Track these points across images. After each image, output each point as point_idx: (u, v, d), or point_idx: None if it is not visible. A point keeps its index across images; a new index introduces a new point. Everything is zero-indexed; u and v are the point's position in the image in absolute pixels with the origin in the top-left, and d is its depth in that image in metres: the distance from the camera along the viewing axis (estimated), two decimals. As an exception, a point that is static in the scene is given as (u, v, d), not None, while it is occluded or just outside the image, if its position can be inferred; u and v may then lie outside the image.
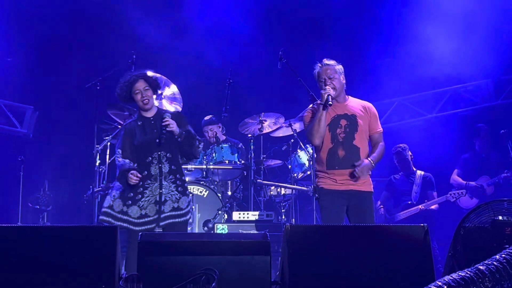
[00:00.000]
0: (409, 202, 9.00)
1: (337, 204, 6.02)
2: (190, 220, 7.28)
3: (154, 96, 6.25)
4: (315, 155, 6.36)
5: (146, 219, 5.84)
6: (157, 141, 5.94)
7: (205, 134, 9.48)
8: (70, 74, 10.39)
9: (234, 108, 9.57)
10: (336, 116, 6.11)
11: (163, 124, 5.94)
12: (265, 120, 8.95)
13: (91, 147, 8.46)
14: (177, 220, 5.91)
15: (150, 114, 6.16)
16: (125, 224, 5.82)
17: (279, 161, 9.48)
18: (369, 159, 6.04)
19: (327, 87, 6.02)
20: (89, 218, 8.37)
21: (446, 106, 11.34)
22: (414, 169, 9.24)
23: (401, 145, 9.16)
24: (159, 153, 5.95)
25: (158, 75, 8.01)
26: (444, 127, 10.95)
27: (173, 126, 5.96)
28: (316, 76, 6.22)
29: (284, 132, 9.29)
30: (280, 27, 10.91)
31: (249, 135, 8.74)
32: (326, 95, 5.95)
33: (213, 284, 3.93)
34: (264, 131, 9.01)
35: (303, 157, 8.96)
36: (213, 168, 8.71)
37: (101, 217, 5.91)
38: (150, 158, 5.94)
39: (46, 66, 10.44)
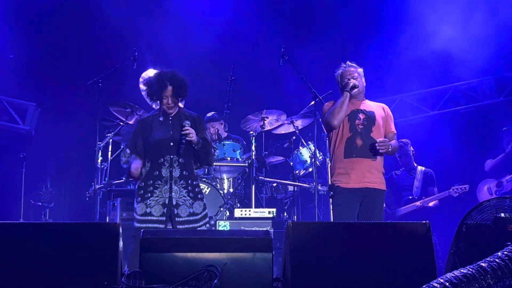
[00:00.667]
0: (410, 197, 8.93)
1: (351, 203, 6.12)
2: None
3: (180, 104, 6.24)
4: (332, 150, 6.39)
5: (148, 218, 5.83)
6: (177, 150, 5.90)
7: (207, 131, 9.47)
8: (72, 71, 10.38)
9: (236, 105, 9.57)
10: (355, 110, 6.30)
11: (183, 133, 5.88)
12: (267, 117, 8.95)
13: (93, 144, 8.46)
14: (194, 225, 5.91)
15: (171, 112, 6.12)
16: (133, 222, 5.94)
17: (281, 158, 9.48)
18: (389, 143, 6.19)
19: (353, 79, 6.29)
20: (91, 214, 8.37)
21: (448, 103, 11.33)
22: (415, 164, 9.20)
23: (403, 140, 9.10)
24: (171, 157, 5.92)
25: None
26: (446, 124, 10.94)
27: (193, 135, 5.92)
28: (339, 77, 6.43)
29: (286, 129, 9.29)
30: (282, 23, 10.90)
31: (251, 132, 8.74)
32: (351, 83, 6.23)
33: (215, 281, 3.93)
34: (266, 128, 9.00)
35: (305, 154, 8.96)
36: (214, 165, 8.70)
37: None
38: (162, 160, 5.91)
39: (48, 63, 10.45)
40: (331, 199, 6.40)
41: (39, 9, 10.22)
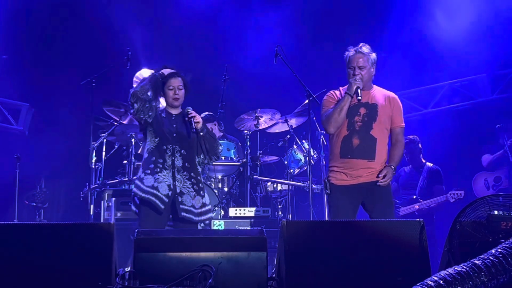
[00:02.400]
0: (414, 197, 8.79)
1: (348, 202, 5.79)
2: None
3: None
4: (329, 145, 6.07)
5: (155, 192, 5.74)
6: (193, 131, 5.89)
7: None
8: (65, 71, 10.35)
9: (230, 104, 9.57)
10: (357, 103, 5.80)
11: (190, 116, 5.91)
12: (261, 116, 8.94)
13: (87, 144, 8.45)
14: (192, 217, 5.84)
15: (174, 112, 6.10)
16: (135, 189, 5.84)
17: (275, 157, 9.48)
18: (391, 165, 5.81)
19: (357, 77, 5.76)
20: (86, 215, 8.36)
21: (442, 101, 11.34)
22: (424, 161, 9.01)
23: (410, 136, 8.88)
24: (174, 146, 5.88)
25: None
26: (439, 122, 10.96)
27: (199, 119, 5.95)
28: (347, 61, 5.89)
29: (280, 128, 9.29)
30: (276, 22, 10.89)
31: (245, 131, 8.74)
32: (355, 87, 5.72)
33: (210, 280, 3.94)
34: (260, 127, 9.00)
35: (299, 153, 8.97)
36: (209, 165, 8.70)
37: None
38: (165, 147, 5.87)
39: (42, 63, 10.42)
40: (326, 197, 6.17)
41: (32, 9, 10.21)
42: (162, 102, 6.25)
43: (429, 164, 8.99)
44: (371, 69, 5.85)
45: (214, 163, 8.55)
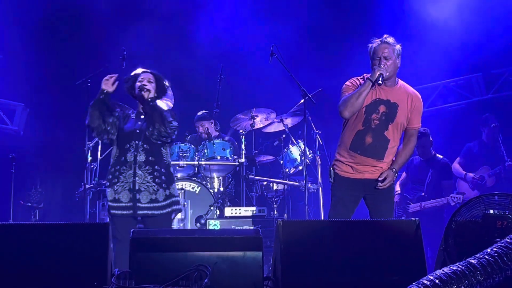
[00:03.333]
0: (423, 194, 8.73)
1: (350, 194, 5.76)
2: (181, 216, 7.26)
3: (154, 95, 6.06)
4: (342, 133, 5.92)
5: (118, 204, 5.82)
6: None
7: (197, 129, 9.49)
8: (60, 71, 10.35)
9: (225, 104, 9.57)
10: (378, 99, 5.66)
11: (139, 85, 5.97)
12: (257, 116, 8.95)
13: (82, 144, 8.45)
14: (154, 212, 5.85)
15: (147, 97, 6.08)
16: (107, 208, 5.93)
17: (271, 157, 9.49)
18: (393, 168, 5.73)
19: (382, 65, 5.55)
20: (81, 215, 8.36)
21: (437, 101, 11.36)
22: (433, 153, 8.90)
23: (422, 129, 8.36)
24: (137, 142, 5.88)
25: (148, 71, 7.99)
26: (434, 121, 10.96)
27: (150, 87, 6.00)
28: (371, 52, 5.69)
29: (276, 127, 9.30)
30: (271, 22, 10.90)
31: (241, 131, 8.74)
32: (378, 73, 5.50)
33: (206, 280, 3.93)
34: (256, 127, 9.01)
35: (295, 152, 8.97)
36: (205, 164, 8.70)
37: None
38: (128, 145, 5.88)
39: (37, 63, 10.40)
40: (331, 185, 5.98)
41: (27, 9, 10.19)
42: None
43: (439, 156, 8.92)
44: (396, 60, 5.68)
45: (209, 162, 8.62)
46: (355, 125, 5.72)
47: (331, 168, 5.92)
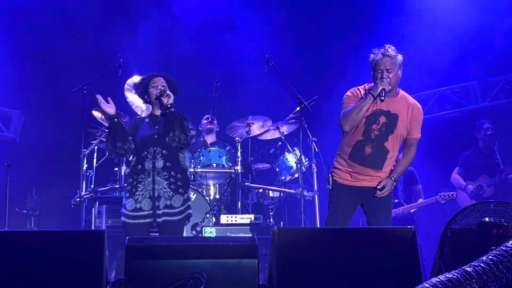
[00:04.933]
0: (396, 201, 8.82)
1: (347, 201, 5.79)
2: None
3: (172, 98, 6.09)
4: (341, 141, 5.95)
5: (140, 213, 5.82)
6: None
7: (201, 125, 9.51)
8: (56, 78, 10.35)
9: (221, 111, 9.58)
10: (378, 110, 5.67)
11: (160, 91, 5.98)
12: (253, 123, 8.96)
13: (78, 151, 8.43)
14: (169, 218, 5.86)
15: (158, 113, 6.15)
16: (123, 218, 5.87)
17: (267, 164, 9.49)
18: (392, 177, 5.76)
19: (385, 79, 5.55)
20: (77, 222, 8.34)
21: (433, 108, 11.37)
22: None
23: None
24: (155, 148, 5.91)
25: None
26: (431, 128, 10.98)
27: (169, 93, 6.02)
28: (373, 64, 5.68)
29: (272, 135, 9.30)
30: (267, 29, 10.92)
31: (237, 138, 8.74)
32: (380, 88, 5.51)
33: (201, 287, 3.92)
34: (252, 134, 9.01)
35: (290, 160, 8.97)
36: (200, 172, 8.70)
37: None
38: (146, 153, 5.91)
39: (33, 70, 10.41)
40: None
41: (22, 16, 10.21)
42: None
43: None
44: (398, 72, 5.70)
45: (205, 170, 8.62)
46: (355, 135, 5.74)
47: (330, 175, 5.94)
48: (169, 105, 5.95)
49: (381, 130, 5.68)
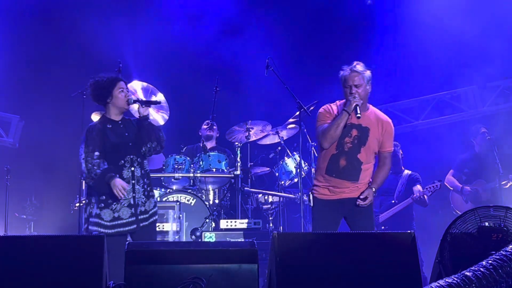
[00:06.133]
0: (393, 201, 8.89)
1: (329, 216, 5.95)
2: (177, 228, 7.28)
3: None
4: (318, 159, 6.20)
5: (119, 222, 5.76)
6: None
7: (201, 131, 9.51)
8: (56, 83, 10.34)
9: (221, 116, 9.57)
10: (350, 124, 5.88)
11: (150, 100, 6.20)
12: (252, 128, 8.94)
13: (78, 156, 8.41)
14: (146, 223, 5.89)
15: (118, 118, 6.01)
16: (95, 227, 5.74)
17: (267, 169, 9.47)
18: (372, 188, 5.95)
19: (356, 95, 5.78)
20: (76, 227, 8.33)
21: (433, 113, 11.38)
22: (403, 168, 9.10)
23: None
24: (131, 157, 5.86)
25: (145, 83, 8.00)
26: (430, 133, 10.99)
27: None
28: (342, 80, 5.92)
29: (271, 139, 9.29)
30: (267, 34, 10.93)
31: (236, 143, 8.74)
32: (354, 104, 5.74)
33: (201, 292, 3.92)
34: (251, 139, 9.00)
35: (290, 164, 8.96)
36: (200, 176, 8.70)
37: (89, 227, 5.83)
38: (123, 161, 5.83)
39: (32, 75, 10.41)
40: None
41: (22, 21, 10.21)
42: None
43: (408, 172, 9.10)
44: (367, 87, 5.89)
45: (204, 175, 8.61)
46: (329, 150, 5.97)
47: (310, 193, 6.14)
48: (146, 116, 6.00)
49: (353, 142, 5.90)
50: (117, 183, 5.67)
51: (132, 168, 5.85)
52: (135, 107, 6.21)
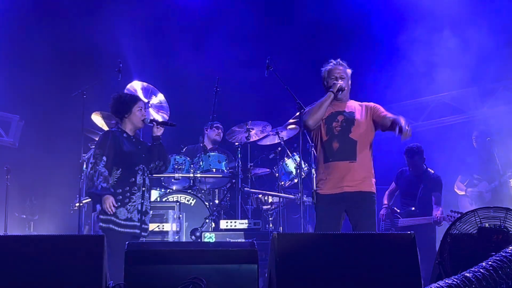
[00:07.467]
0: (413, 209, 8.70)
1: (332, 211, 5.96)
2: (176, 229, 7.39)
3: None
4: (316, 155, 6.27)
5: (130, 223, 6.06)
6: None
7: (208, 133, 9.52)
8: (56, 82, 10.34)
9: (221, 117, 9.57)
10: (334, 112, 6.11)
11: (166, 121, 6.69)
12: (252, 129, 8.94)
13: (78, 156, 8.43)
14: (145, 233, 6.26)
15: (131, 133, 6.42)
16: (109, 225, 5.98)
17: (267, 169, 9.46)
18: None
19: (340, 80, 6.10)
20: (76, 227, 8.32)
21: (433, 114, 11.38)
22: (425, 167, 8.85)
23: (414, 147, 8.72)
24: (143, 166, 6.26)
25: (145, 84, 8.00)
26: (430, 135, 10.98)
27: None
28: (326, 73, 6.24)
29: (271, 140, 9.28)
30: (267, 34, 10.93)
31: (236, 144, 8.74)
32: (338, 85, 6.04)
33: (201, 293, 3.92)
34: (251, 140, 9.00)
35: (290, 165, 8.95)
36: (200, 177, 8.70)
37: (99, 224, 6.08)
38: (137, 168, 6.19)
39: (32, 75, 10.40)
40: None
41: (21, 21, 10.20)
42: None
43: (431, 171, 8.87)
44: (349, 82, 6.21)
45: (205, 175, 8.62)
46: (320, 138, 6.14)
47: (313, 191, 6.18)
48: (159, 136, 6.39)
49: (342, 125, 6.06)
50: (108, 200, 5.93)
51: (144, 176, 6.21)
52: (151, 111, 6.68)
